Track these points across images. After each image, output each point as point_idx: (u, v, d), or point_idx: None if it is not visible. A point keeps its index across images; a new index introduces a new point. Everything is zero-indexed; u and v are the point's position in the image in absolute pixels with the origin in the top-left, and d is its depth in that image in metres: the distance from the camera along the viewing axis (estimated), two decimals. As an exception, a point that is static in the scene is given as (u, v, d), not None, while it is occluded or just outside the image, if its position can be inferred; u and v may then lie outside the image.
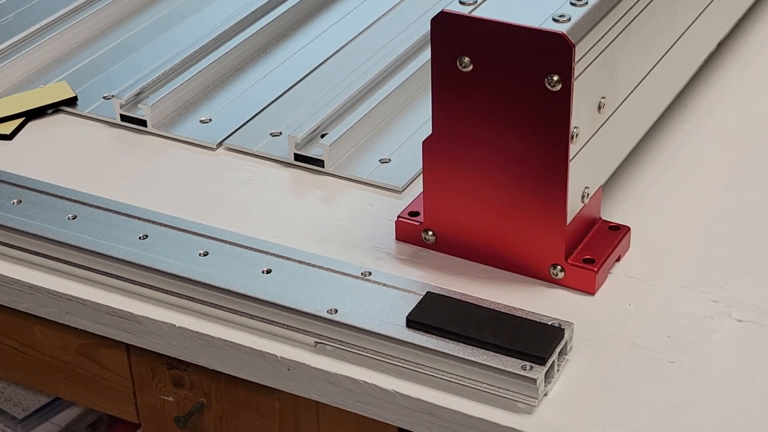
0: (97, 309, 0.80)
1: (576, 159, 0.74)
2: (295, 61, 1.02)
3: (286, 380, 0.75)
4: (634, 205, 0.85)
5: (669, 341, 0.73)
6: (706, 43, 0.95)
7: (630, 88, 0.81)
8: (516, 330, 0.71)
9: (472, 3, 0.73)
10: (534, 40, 0.71)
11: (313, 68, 1.01)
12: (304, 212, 0.86)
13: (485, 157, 0.75)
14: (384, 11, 1.08)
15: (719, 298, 0.77)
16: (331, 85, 0.97)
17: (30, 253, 0.82)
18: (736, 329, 0.74)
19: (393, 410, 0.72)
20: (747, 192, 0.86)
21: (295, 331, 0.75)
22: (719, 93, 0.97)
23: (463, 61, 0.73)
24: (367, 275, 0.76)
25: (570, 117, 0.72)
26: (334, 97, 0.94)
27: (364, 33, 1.05)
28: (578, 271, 0.77)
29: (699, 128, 0.93)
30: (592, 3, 0.73)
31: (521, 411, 0.69)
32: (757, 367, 0.72)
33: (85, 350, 0.86)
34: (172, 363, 0.81)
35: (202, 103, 0.97)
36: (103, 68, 1.02)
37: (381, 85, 0.96)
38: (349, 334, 0.73)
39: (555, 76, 0.71)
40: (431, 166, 0.78)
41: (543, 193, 0.75)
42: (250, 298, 0.75)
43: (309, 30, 1.06)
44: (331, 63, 1.01)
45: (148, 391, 0.84)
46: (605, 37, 0.75)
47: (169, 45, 1.04)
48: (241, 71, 1.01)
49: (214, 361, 0.77)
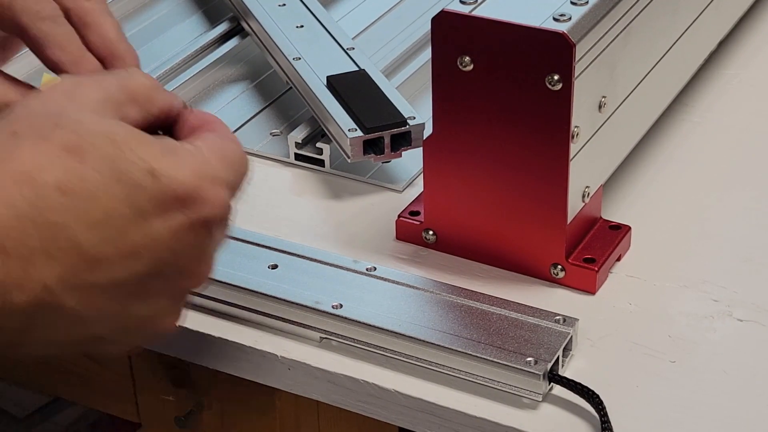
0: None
1: (576, 158, 0.74)
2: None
3: (287, 380, 0.75)
4: (634, 205, 0.85)
5: (670, 341, 0.73)
6: (706, 43, 0.95)
7: (631, 87, 0.81)
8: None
9: (473, 2, 0.73)
10: (534, 40, 0.71)
11: (313, 68, 1.01)
12: (305, 212, 0.86)
13: (485, 156, 0.75)
14: (384, 11, 1.08)
15: (720, 297, 0.77)
16: (332, 84, 0.97)
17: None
18: (737, 329, 0.74)
19: (394, 409, 0.72)
20: (747, 191, 0.86)
21: (300, 326, 0.75)
22: (719, 92, 0.97)
23: (464, 60, 0.73)
24: (372, 270, 0.76)
25: (570, 116, 0.72)
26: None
27: (364, 33, 1.05)
28: (579, 271, 0.77)
29: (699, 127, 0.93)
30: (593, 2, 0.73)
31: (525, 407, 0.69)
32: (757, 366, 0.72)
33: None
34: (173, 363, 0.81)
35: (202, 103, 0.97)
36: (103, 68, 1.02)
37: (381, 85, 0.96)
38: (354, 330, 0.73)
39: (555, 75, 0.71)
40: (431, 165, 0.78)
41: (543, 192, 0.75)
42: (256, 294, 0.75)
43: (309, 29, 1.06)
44: (331, 62, 1.01)
45: (148, 391, 0.84)
46: (606, 36, 0.75)
47: (169, 44, 1.04)
48: (241, 71, 1.01)
49: (214, 360, 0.77)
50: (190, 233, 0.58)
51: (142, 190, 0.56)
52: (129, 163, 0.56)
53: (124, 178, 0.56)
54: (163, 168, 0.57)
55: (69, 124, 0.57)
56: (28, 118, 0.57)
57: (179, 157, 0.58)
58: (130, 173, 0.56)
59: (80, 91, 0.60)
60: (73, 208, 0.55)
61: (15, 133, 0.56)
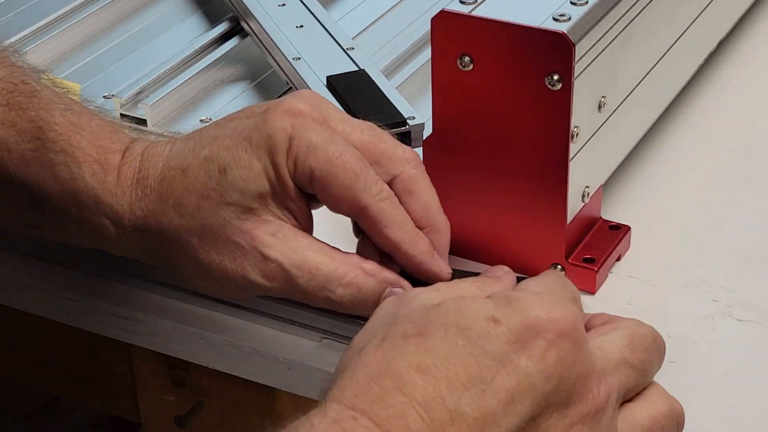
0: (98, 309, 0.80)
1: (576, 158, 0.74)
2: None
3: (287, 380, 0.75)
4: (634, 205, 0.85)
5: (669, 341, 0.73)
6: (706, 43, 0.95)
7: (630, 87, 0.81)
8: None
9: (473, 2, 0.73)
10: (534, 40, 0.71)
11: (313, 68, 1.01)
12: (305, 212, 0.86)
13: (485, 156, 0.75)
14: (384, 11, 1.08)
15: (719, 297, 0.77)
16: (331, 84, 0.97)
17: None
18: (736, 329, 0.74)
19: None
20: (747, 191, 0.86)
21: (300, 326, 0.75)
22: (719, 92, 0.97)
23: (463, 60, 0.73)
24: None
25: (570, 116, 0.72)
26: (334, 96, 0.94)
27: (364, 33, 1.04)
28: (578, 271, 0.77)
29: (699, 127, 0.93)
30: (593, 2, 0.73)
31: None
32: (757, 366, 0.72)
33: (86, 350, 0.86)
34: (173, 363, 0.81)
35: (202, 102, 0.97)
36: (103, 67, 1.02)
37: (381, 85, 0.96)
38: (354, 330, 0.73)
39: (555, 75, 0.71)
40: (431, 165, 0.78)
41: (543, 192, 0.75)
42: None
43: (309, 29, 1.06)
44: (331, 62, 1.01)
45: (148, 391, 0.84)
46: (605, 36, 0.75)
47: (169, 44, 1.04)
48: (241, 71, 1.01)
49: (214, 360, 0.77)
50: (552, 352, 0.57)
51: (492, 337, 0.57)
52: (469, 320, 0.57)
53: (467, 333, 0.57)
54: (500, 312, 0.58)
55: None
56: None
57: (514, 299, 0.59)
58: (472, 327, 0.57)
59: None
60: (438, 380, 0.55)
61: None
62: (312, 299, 0.70)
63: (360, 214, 0.70)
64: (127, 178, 0.71)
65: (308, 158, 0.68)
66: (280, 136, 0.69)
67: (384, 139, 0.72)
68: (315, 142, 0.68)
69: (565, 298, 0.61)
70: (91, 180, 0.71)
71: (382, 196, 0.69)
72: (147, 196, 0.71)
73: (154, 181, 0.71)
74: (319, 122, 0.70)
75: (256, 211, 0.69)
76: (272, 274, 0.69)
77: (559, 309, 0.58)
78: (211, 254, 0.69)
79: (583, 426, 0.58)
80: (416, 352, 0.56)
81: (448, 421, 0.54)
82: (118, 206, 0.71)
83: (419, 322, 0.58)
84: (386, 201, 0.70)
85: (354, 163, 0.69)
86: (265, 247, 0.69)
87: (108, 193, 0.71)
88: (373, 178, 0.69)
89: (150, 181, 0.71)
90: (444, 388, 0.55)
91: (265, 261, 0.69)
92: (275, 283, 0.69)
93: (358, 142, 0.70)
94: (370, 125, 0.72)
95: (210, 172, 0.69)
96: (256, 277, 0.69)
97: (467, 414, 0.55)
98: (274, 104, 0.70)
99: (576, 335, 0.58)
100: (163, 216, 0.70)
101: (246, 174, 0.69)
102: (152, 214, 0.70)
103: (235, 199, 0.69)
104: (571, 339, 0.58)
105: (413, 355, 0.56)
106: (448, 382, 0.55)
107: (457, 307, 0.58)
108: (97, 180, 0.71)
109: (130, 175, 0.71)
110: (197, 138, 0.71)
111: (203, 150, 0.70)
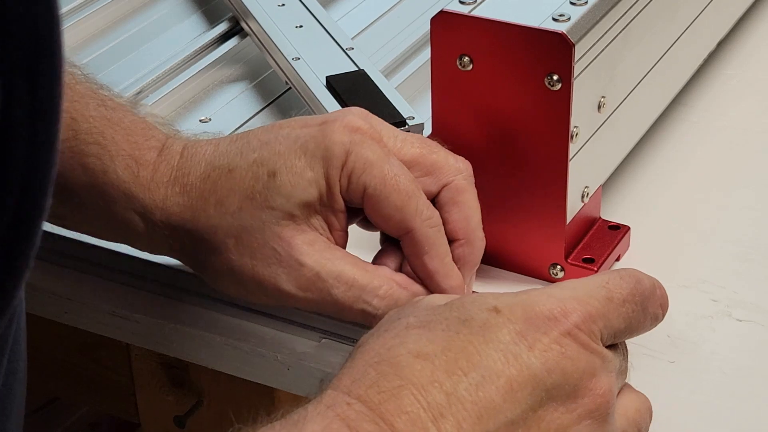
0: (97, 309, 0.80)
1: (576, 158, 0.74)
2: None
3: (287, 380, 0.75)
4: (634, 205, 0.85)
5: (669, 341, 0.73)
6: (705, 43, 0.95)
7: (630, 87, 0.81)
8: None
9: (472, 2, 0.73)
10: (534, 40, 0.71)
11: (312, 68, 1.01)
12: (304, 212, 0.86)
13: (485, 156, 0.75)
14: (384, 11, 1.08)
15: (719, 297, 0.77)
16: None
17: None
18: (736, 329, 0.74)
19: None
20: (747, 191, 0.86)
21: (300, 326, 0.75)
22: (718, 92, 0.97)
23: (463, 60, 0.73)
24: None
25: (570, 116, 0.72)
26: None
27: (364, 33, 1.05)
28: (578, 271, 0.77)
29: (698, 127, 0.93)
30: (592, 2, 0.73)
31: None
32: (756, 366, 0.72)
33: (85, 350, 0.86)
34: (172, 363, 0.81)
35: (201, 102, 0.97)
36: (102, 67, 1.02)
37: (381, 85, 0.96)
38: (354, 330, 0.73)
39: (555, 75, 0.71)
40: (431, 165, 0.78)
41: (543, 192, 0.75)
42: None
43: (309, 29, 1.06)
44: (331, 62, 1.01)
45: (148, 391, 0.84)
46: (605, 36, 0.75)
47: (169, 44, 1.04)
48: (241, 71, 1.01)
49: (214, 360, 0.77)
50: (555, 346, 0.57)
51: (492, 326, 0.57)
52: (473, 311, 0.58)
53: (468, 323, 0.57)
54: (502, 303, 0.58)
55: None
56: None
57: (520, 292, 0.59)
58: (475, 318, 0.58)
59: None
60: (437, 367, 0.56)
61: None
62: (346, 312, 0.69)
63: (405, 235, 0.69)
64: (164, 175, 0.71)
65: (363, 175, 0.68)
66: (338, 149, 0.68)
67: (435, 150, 0.71)
68: (371, 160, 0.68)
69: (580, 295, 0.60)
70: (124, 174, 0.71)
71: (430, 223, 0.69)
72: (187, 193, 0.71)
73: (197, 179, 0.70)
74: (375, 140, 0.69)
75: (297, 219, 0.69)
76: (307, 284, 0.68)
77: (566, 303, 0.58)
78: (245, 258, 0.69)
79: (592, 421, 0.58)
80: (417, 340, 0.57)
81: (445, 404, 0.54)
82: (150, 201, 0.71)
83: (424, 316, 0.58)
84: (434, 229, 0.69)
85: (407, 185, 0.69)
86: (302, 255, 0.68)
87: (140, 188, 0.71)
88: (424, 203, 0.69)
89: (191, 178, 0.71)
90: (442, 373, 0.55)
91: (301, 269, 0.68)
92: (308, 293, 0.69)
93: (410, 156, 0.70)
94: (420, 137, 0.72)
95: (258, 175, 0.69)
96: (288, 287, 0.69)
97: (465, 399, 0.55)
98: (332, 118, 0.70)
99: (579, 332, 0.58)
100: (202, 213, 0.70)
101: (296, 181, 0.68)
102: (190, 210, 0.70)
103: (279, 204, 0.68)
104: (574, 335, 0.58)
105: (414, 344, 0.56)
106: (446, 367, 0.55)
107: (461, 302, 0.59)
108: (130, 174, 0.71)
109: (167, 172, 0.71)
110: (245, 140, 0.71)
111: (252, 153, 0.70)
